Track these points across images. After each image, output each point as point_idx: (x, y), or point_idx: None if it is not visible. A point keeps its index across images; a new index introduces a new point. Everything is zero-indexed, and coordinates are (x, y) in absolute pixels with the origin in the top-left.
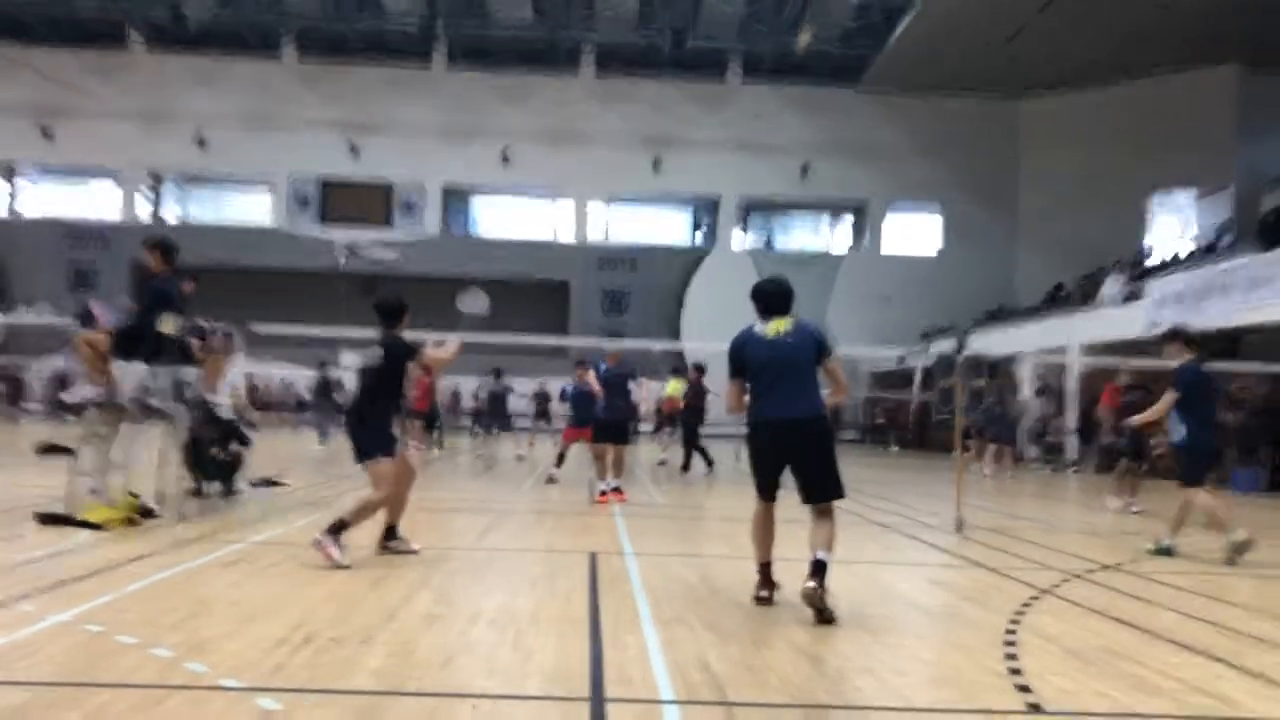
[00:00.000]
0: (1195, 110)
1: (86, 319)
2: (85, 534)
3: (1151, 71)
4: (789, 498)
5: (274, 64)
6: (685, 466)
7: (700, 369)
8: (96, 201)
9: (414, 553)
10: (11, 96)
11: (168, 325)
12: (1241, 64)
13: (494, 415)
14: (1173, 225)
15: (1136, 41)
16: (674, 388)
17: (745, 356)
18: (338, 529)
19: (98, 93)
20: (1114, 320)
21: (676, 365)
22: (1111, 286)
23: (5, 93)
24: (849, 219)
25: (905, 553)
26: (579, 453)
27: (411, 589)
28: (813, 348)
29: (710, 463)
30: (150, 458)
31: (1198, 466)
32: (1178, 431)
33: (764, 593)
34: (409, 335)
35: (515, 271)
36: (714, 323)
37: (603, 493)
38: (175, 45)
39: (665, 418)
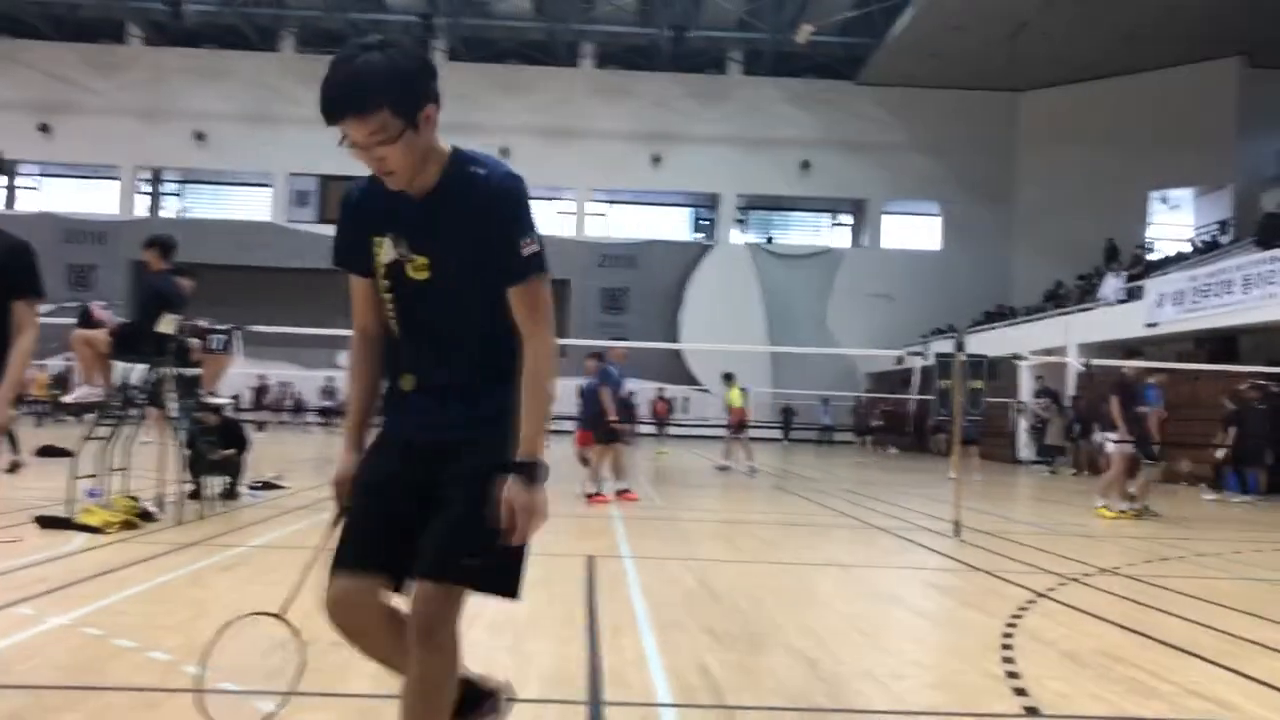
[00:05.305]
0: (1195, 108)
1: (84, 319)
2: (84, 537)
3: (1151, 68)
4: (795, 505)
5: (273, 59)
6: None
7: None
8: (95, 198)
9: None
10: (9, 92)
11: (167, 325)
12: (1242, 61)
13: None
14: (1172, 223)
15: (1136, 38)
16: (734, 396)
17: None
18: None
19: (96, 88)
20: (1112, 319)
21: (728, 372)
22: (1110, 285)
23: (3, 89)
24: (848, 217)
25: (902, 556)
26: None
27: None
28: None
29: None
30: (150, 460)
31: None
32: None
33: None
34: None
35: None
36: (713, 320)
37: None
38: (174, 41)
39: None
